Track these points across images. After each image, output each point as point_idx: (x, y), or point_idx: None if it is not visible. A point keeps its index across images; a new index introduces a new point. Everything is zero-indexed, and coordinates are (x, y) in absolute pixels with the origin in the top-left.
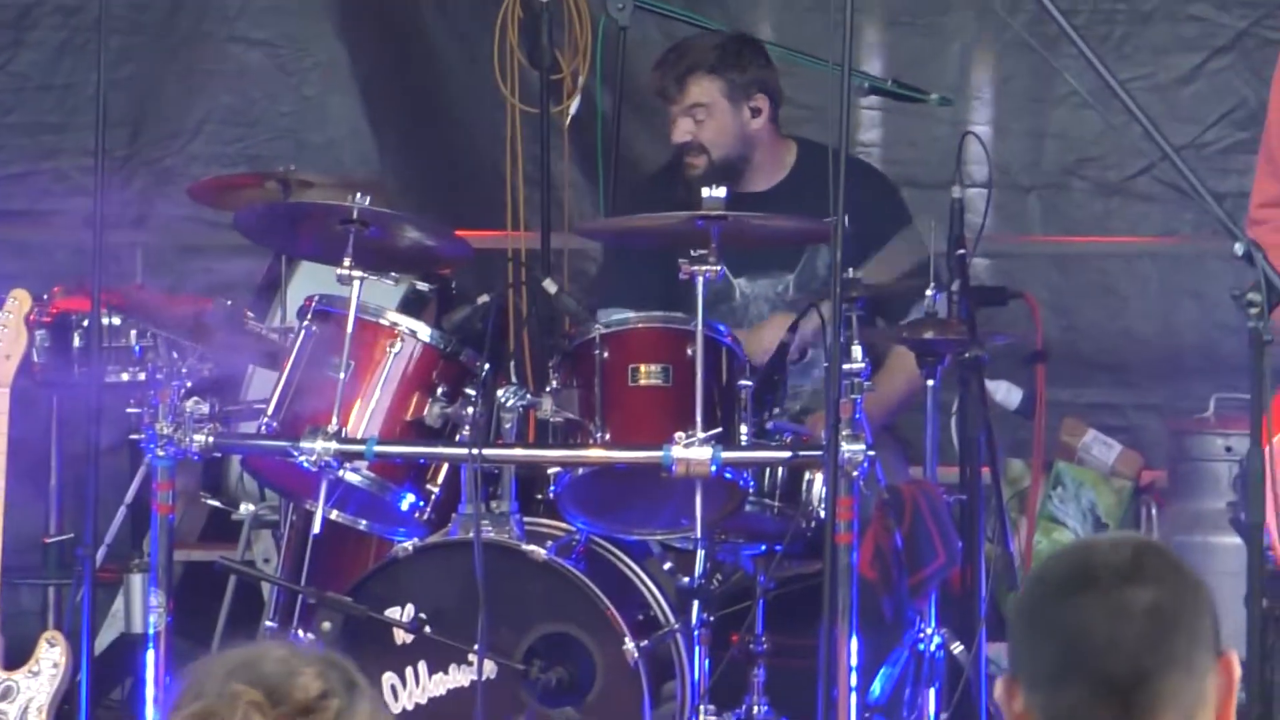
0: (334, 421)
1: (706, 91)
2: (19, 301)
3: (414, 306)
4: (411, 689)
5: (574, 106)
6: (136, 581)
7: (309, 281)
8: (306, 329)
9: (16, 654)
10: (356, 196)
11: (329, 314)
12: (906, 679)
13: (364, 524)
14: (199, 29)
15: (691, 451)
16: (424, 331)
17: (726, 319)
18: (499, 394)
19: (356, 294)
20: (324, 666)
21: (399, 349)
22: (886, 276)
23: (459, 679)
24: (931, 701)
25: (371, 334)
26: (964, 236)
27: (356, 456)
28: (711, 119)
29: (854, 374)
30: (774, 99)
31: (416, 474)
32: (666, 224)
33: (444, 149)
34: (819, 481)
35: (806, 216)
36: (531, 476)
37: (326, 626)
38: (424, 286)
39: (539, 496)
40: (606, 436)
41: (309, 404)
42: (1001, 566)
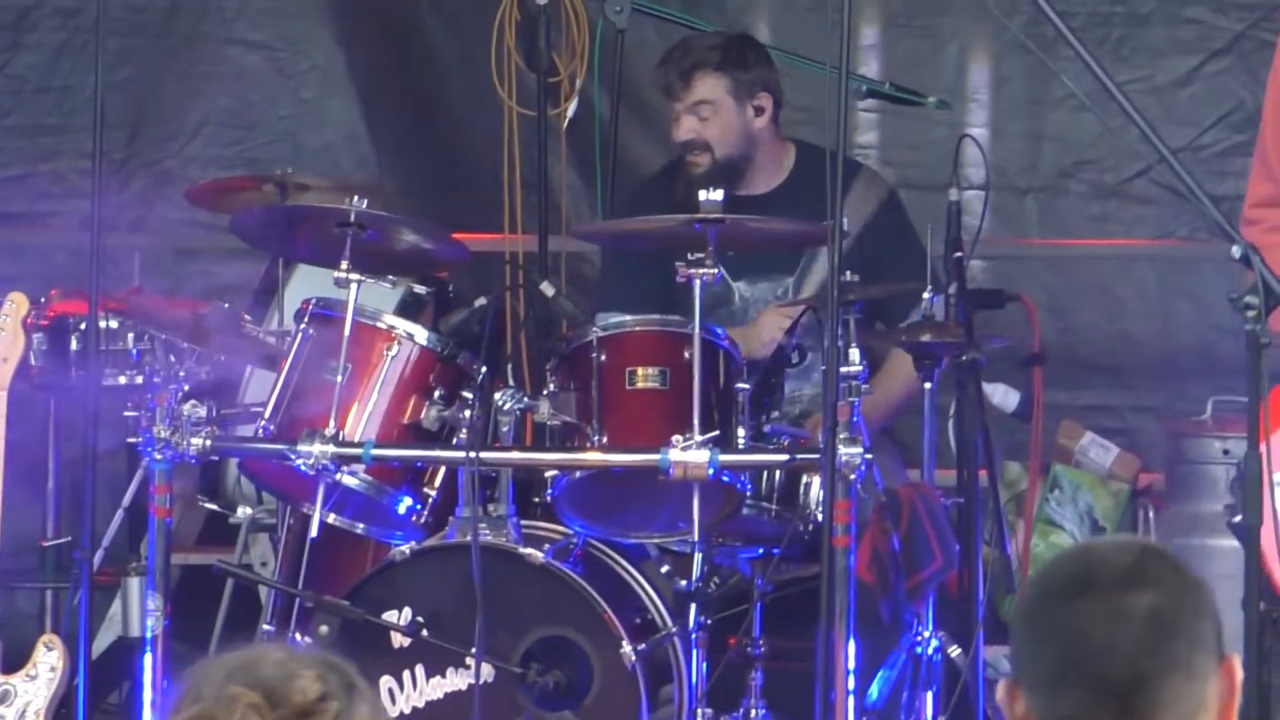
0: (331, 425)
1: (712, 88)
2: (16, 304)
3: (411, 309)
4: (409, 692)
5: (571, 109)
6: (134, 585)
7: (306, 284)
8: (304, 332)
9: (14, 657)
10: (354, 199)
11: (326, 317)
12: (904, 682)
13: (361, 527)
14: (197, 31)
15: (689, 454)
16: (421, 334)
17: (726, 322)
18: (496, 397)
19: (354, 297)
20: (323, 669)
21: (396, 352)
22: (853, 227)
23: (456, 682)
24: (929, 705)
25: (369, 337)
26: (961, 239)
27: (354, 460)
28: (716, 116)
29: (851, 377)
30: (776, 99)
31: (414, 477)
32: (664, 227)
33: (441, 152)
34: (816, 484)
35: (804, 219)
36: (529, 479)
37: (324, 630)
38: (421, 289)
39: (536, 500)
40: (604, 439)
41: (306, 407)
42: (999, 569)
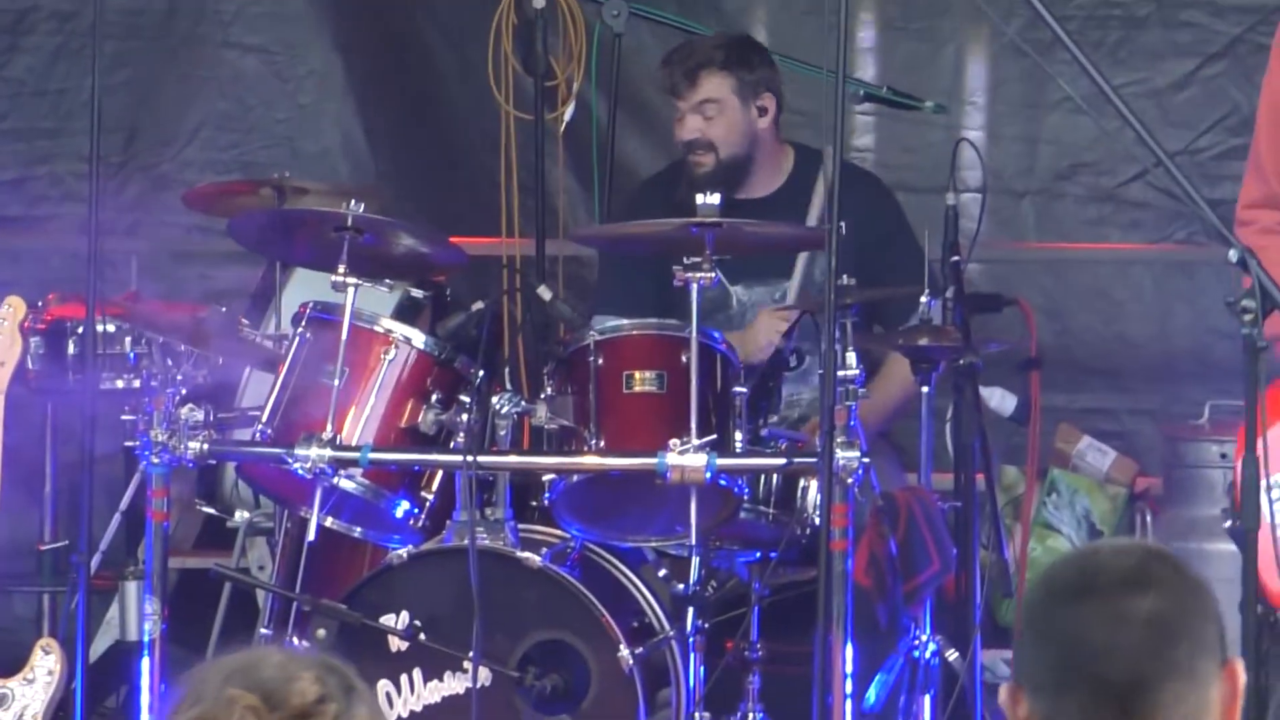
0: (329, 428)
1: (718, 87)
2: (14, 308)
3: (409, 313)
4: (406, 696)
5: (568, 113)
6: (131, 589)
7: (303, 288)
8: (301, 336)
9: (11, 661)
10: (351, 203)
11: (324, 321)
12: (901, 686)
13: (359, 531)
14: (194, 34)
15: (686, 458)
16: (418, 338)
17: (724, 327)
18: (494, 401)
19: (351, 301)
20: (322, 671)
21: (393, 356)
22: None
23: (454, 686)
24: (926, 709)
25: (366, 341)
26: (958, 243)
27: (351, 463)
28: (721, 116)
29: (849, 381)
30: (779, 100)
31: (411, 481)
32: (661, 230)
33: (439, 156)
34: (814, 488)
35: (802, 223)
36: (526, 483)
37: (321, 634)
38: (418, 293)
39: (534, 503)
40: (601, 443)
41: (304, 411)
42: (996, 573)
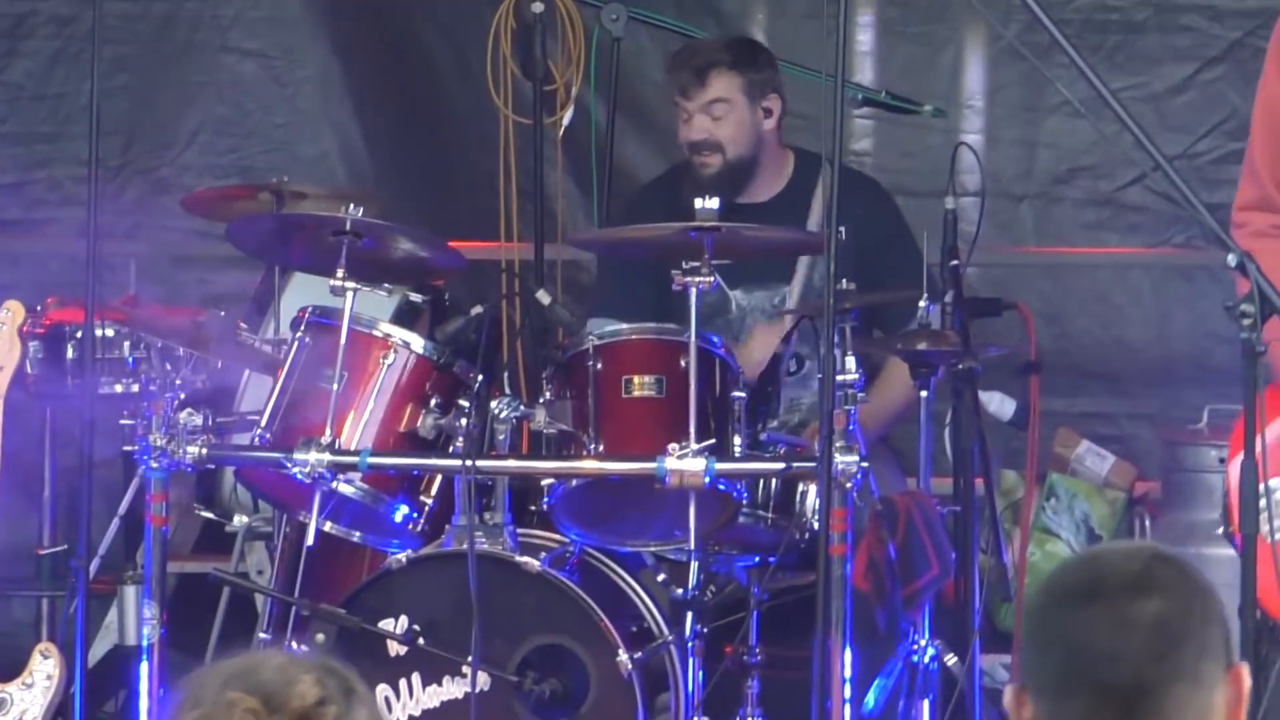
0: (327, 433)
1: (727, 86)
2: (12, 313)
3: (407, 318)
4: (405, 701)
5: (567, 117)
6: (130, 593)
7: (302, 293)
8: (300, 340)
9: (10, 666)
10: (350, 208)
11: (322, 325)
12: (900, 690)
13: (357, 535)
14: (193, 39)
15: (685, 463)
16: (417, 343)
17: (723, 331)
18: (492, 405)
19: (350, 305)
20: (322, 673)
21: (392, 360)
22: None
23: (453, 691)
24: (925, 713)
25: (365, 345)
26: (957, 247)
27: (350, 468)
28: (730, 116)
29: (848, 385)
30: (783, 103)
31: (410, 485)
32: (660, 234)
33: (437, 160)
34: (813, 493)
35: (800, 228)
36: (525, 488)
37: (320, 638)
38: (417, 298)
39: (532, 508)
40: (600, 448)
41: (303, 415)
42: (995, 578)
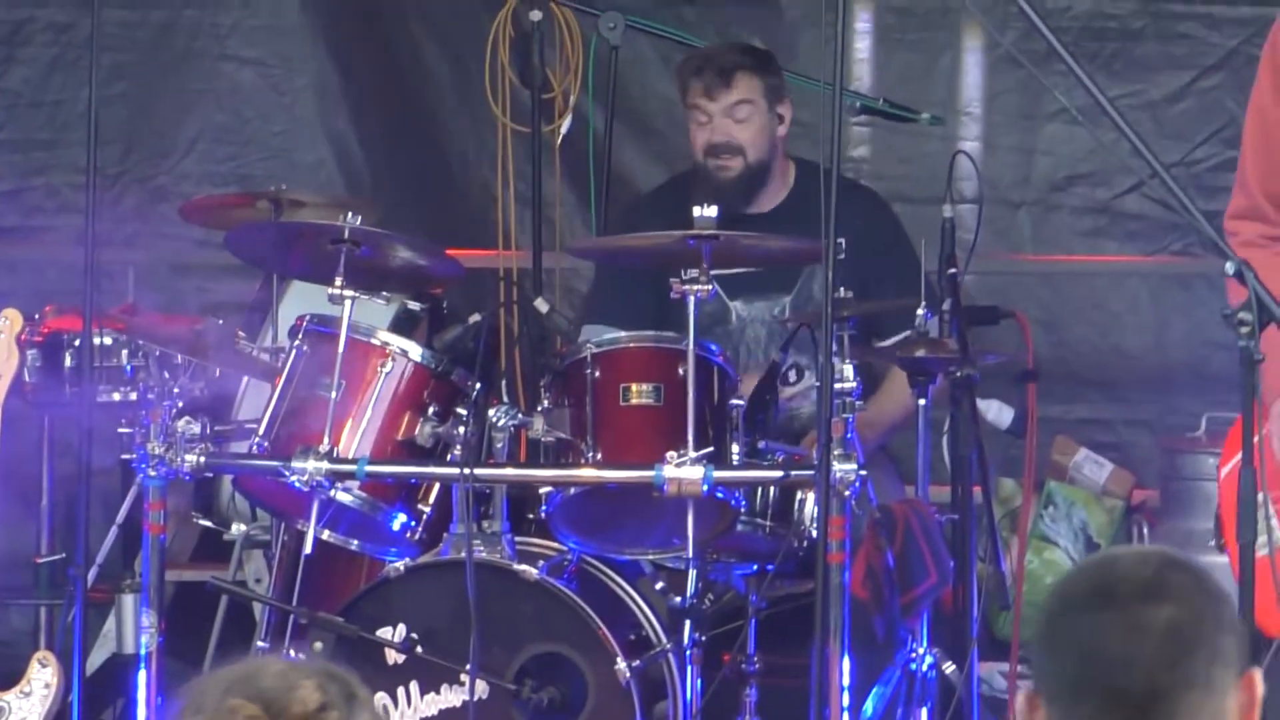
0: (325, 441)
1: (751, 88)
2: (10, 321)
3: (405, 326)
4: (404, 709)
5: (565, 125)
6: (128, 602)
7: (300, 301)
8: (298, 349)
9: (8, 674)
10: (348, 216)
11: (321, 333)
12: (898, 699)
13: (355, 544)
14: (191, 47)
15: (683, 471)
16: (415, 351)
17: (723, 342)
18: (490, 413)
19: (348, 313)
20: (323, 679)
21: (390, 368)
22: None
23: (451, 699)
24: None
25: (363, 353)
26: (955, 255)
27: (348, 476)
28: (753, 118)
29: (846, 393)
30: (791, 109)
31: (408, 494)
32: (658, 243)
33: (435, 168)
34: (811, 501)
35: (798, 236)
36: (523, 496)
37: (318, 646)
38: (415, 306)
39: (530, 516)
40: (598, 456)
41: (301, 424)
42: (993, 586)
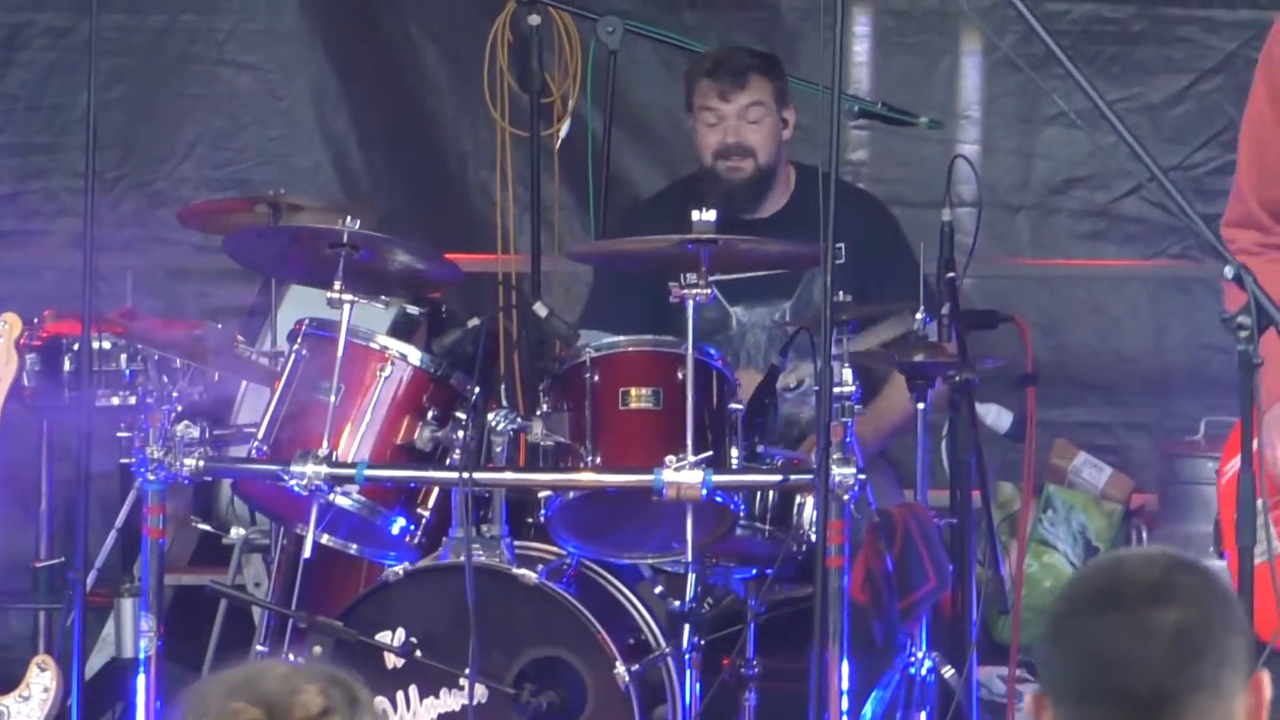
0: (324, 445)
1: (764, 91)
2: (9, 325)
3: (404, 330)
4: (403, 714)
5: (564, 129)
6: (127, 606)
7: (299, 305)
8: (297, 353)
9: (7, 679)
10: (346, 220)
11: (319, 338)
12: (897, 702)
13: (354, 548)
14: (189, 52)
15: (682, 475)
16: (414, 355)
17: (724, 348)
18: (489, 417)
19: (347, 318)
20: (326, 683)
21: (389, 373)
22: (875, 340)
23: (450, 703)
24: None
25: (362, 358)
26: (954, 260)
27: (347, 480)
28: (764, 120)
29: (844, 397)
30: (794, 115)
31: (407, 498)
32: (657, 247)
33: (434, 172)
34: (810, 505)
35: (798, 241)
36: (522, 500)
37: (317, 651)
38: (414, 310)
39: (529, 520)
40: (597, 460)
41: (299, 428)
42: (992, 590)
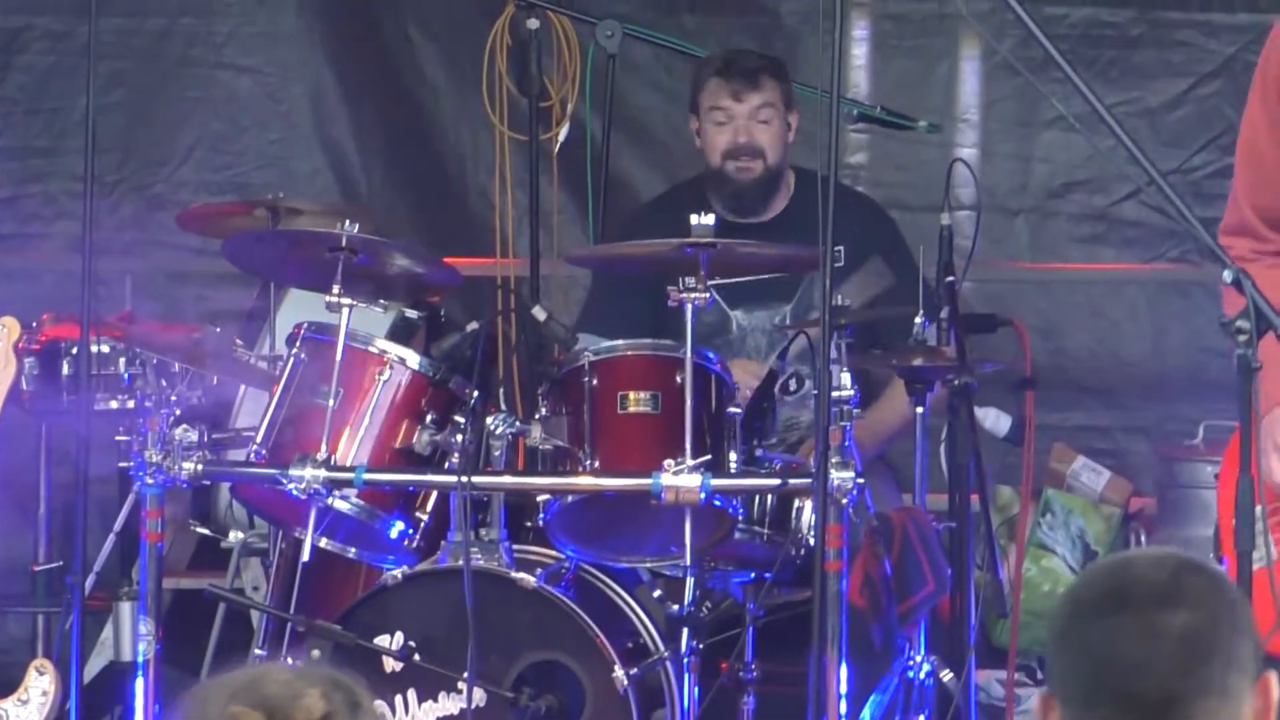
0: (323, 449)
1: (774, 93)
2: (8, 329)
3: (403, 334)
4: (401, 717)
5: (563, 133)
6: (125, 609)
7: (297, 309)
8: (295, 357)
9: (6, 682)
10: (345, 224)
11: (318, 341)
12: (896, 706)
13: (353, 552)
14: (188, 55)
15: (681, 479)
16: (413, 359)
17: (723, 351)
18: (488, 421)
19: (346, 321)
20: (328, 688)
21: (388, 376)
22: (855, 299)
23: (448, 707)
24: None
25: (360, 361)
26: (953, 264)
27: (345, 484)
28: (774, 122)
29: (843, 401)
30: (798, 119)
31: (405, 501)
32: (656, 251)
33: (433, 176)
34: (808, 509)
35: (797, 245)
36: (520, 504)
37: (316, 654)
38: (413, 314)
39: (528, 524)
40: (595, 464)
41: (298, 431)
42: (991, 594)
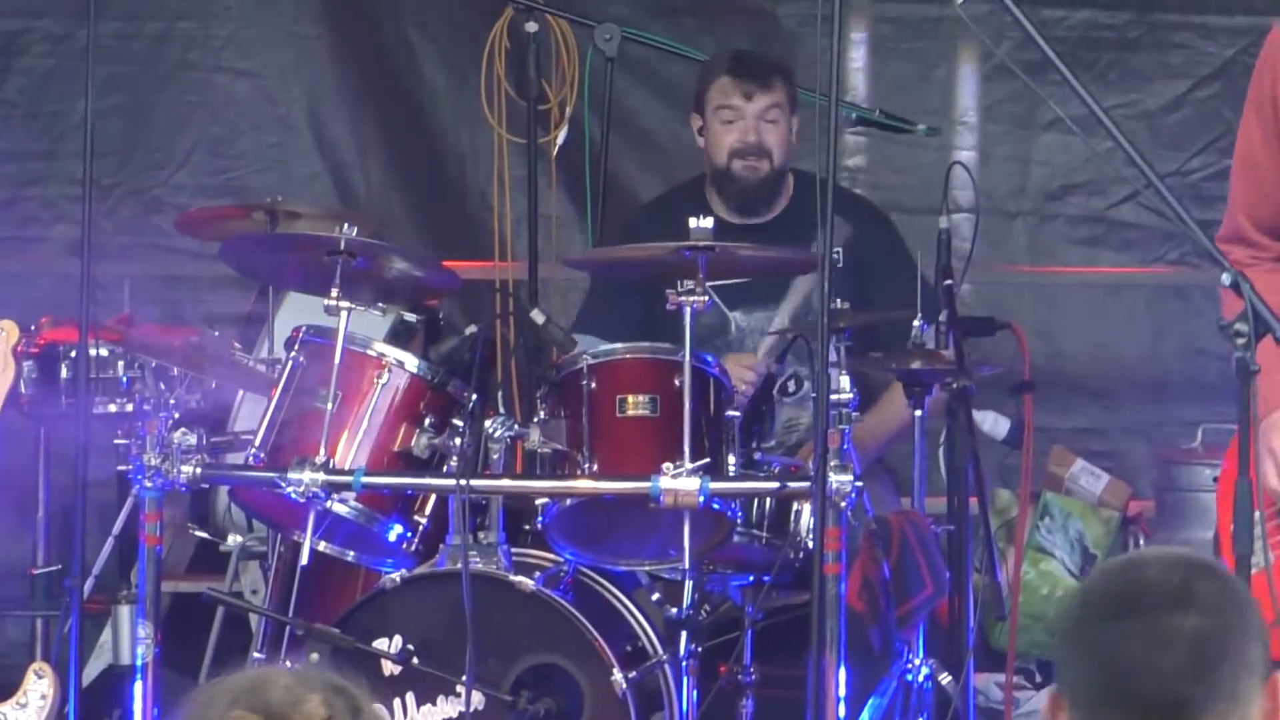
0: (321, 452)
1: (782, 93)
2: (6, 333)
3: (401, 337)
4: None
5: (562, 136)
6: (124, 613)
7: (296, 312)
8: (294, 360)
9: (4, 686)
10: (343, 227)
11: (316, 345)
12: (894, 709)
13: (351, 555)
14: (186, 59)
15: (679, 482)
16: (411, 362)
17: (722, 353)
18: (486, 424)
19: (344, 325)
20: (329, 693)
21: (386, 380)
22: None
23: (447, 710)
24: None
25: (359, 365)
26: (951, 267)
27: (344, 487)
28: (781, 123)
29: (842, 404)
30: (799, 123)
31: (404, 505)
32: (654, 254)
33: (431, 179)
34: (807, 512)
35: (795, 247)
36: (519, 507)
37: (314, 658)
38: (411, 317)
39: (526, 527)
40: (594, 467)
41: (297, 435)
42: (989, 597)
